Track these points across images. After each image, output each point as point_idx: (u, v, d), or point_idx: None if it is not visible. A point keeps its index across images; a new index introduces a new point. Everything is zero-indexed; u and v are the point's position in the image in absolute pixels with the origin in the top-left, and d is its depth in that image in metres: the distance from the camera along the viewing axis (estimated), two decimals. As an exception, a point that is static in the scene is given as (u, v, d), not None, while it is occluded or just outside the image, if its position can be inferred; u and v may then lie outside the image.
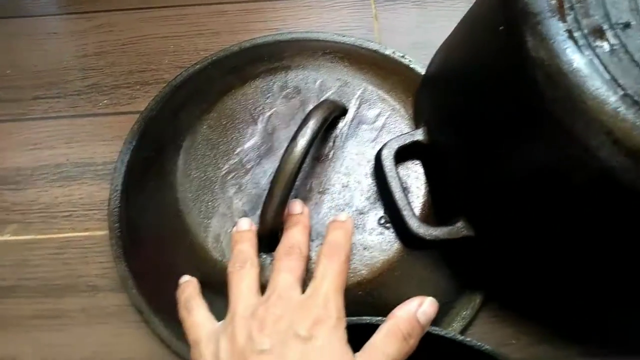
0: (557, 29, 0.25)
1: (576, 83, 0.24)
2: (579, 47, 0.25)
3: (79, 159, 0.44)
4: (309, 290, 0.30)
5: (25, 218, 0.41)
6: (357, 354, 0.28)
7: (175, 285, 0.35)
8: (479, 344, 0.29)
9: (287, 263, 0.31)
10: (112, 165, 0.42)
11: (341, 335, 0.28)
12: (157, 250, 0.37)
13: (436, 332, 0.29)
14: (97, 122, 0.46)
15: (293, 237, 0.33)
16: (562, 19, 0.26)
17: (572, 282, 0.31)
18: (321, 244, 0.34)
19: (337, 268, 0.31)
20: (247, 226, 0.34)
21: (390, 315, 0.30)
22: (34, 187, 0.43)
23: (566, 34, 0.25)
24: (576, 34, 0.25)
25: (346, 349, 0.28)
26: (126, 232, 0.39)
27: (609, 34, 0.25)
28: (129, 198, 0.40)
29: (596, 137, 0.23)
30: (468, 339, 0.29)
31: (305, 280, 0.32)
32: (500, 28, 0.28)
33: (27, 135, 0.45)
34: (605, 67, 0.24)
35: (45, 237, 0.41)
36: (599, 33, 0.25)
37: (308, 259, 0.33)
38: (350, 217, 0.35)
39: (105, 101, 0.46)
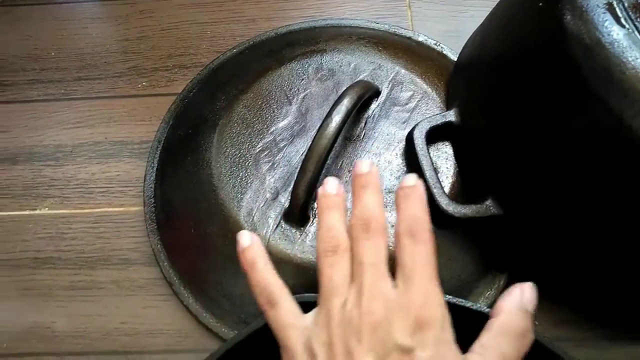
0: (596, 2, 0.25)
1: (614, 54, 0.24)
2: (618, 20, 0.25)
3: (117, 138, 0.45)
4: (399, 281, 0.26)
5: (63, 193, 0.43)
6: (467, 355, 0.25)
7: (205, 258, 0.35)
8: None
9: (368, 245, 0.27)
10: (148, 144, 0.44)
11: (449, 338, 0.25)
12: (190, 225, 0.38)
13: (462, 305, 0.29)
14: (135, 103, 0.47)
15: (367, 206, 0.27)
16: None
17: (597, 264, 0.30)
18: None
19: (425, 250, 0.26)
20: (335, 189, 0.29)
21: (497, 309, 0.26)
22: (72, 164, 0.44)
23: (605, 7, 0.25)
24: (617, 8, 0.25)
25: (457, 355, 0.24)
26: (160, 207, 0.40)
27: (621, 16, 0.25)
28: (164, 175, 0.41)
29: (632, 107, 0.23)
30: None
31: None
32: (540, 4, 0.28)
33: (68, 114, 0.46)
34: (646, 39, 0.24)
35: (81, 211, 0.42)
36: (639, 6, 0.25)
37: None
38: (418, 179, 0.28)
39: (144, 83, 0.48)
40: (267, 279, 0.28)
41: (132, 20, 0.52)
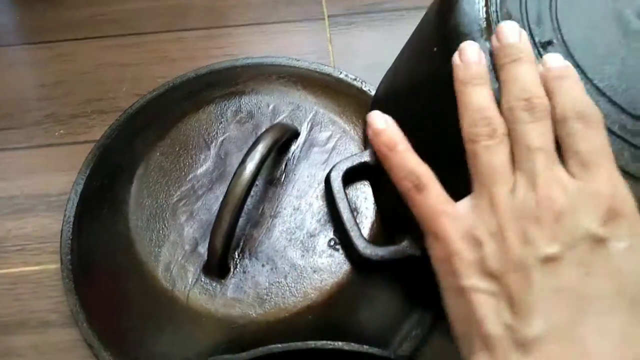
0: (484, 49, 0.26)
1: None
2: None
3: (34, 191, 0.43)
4: (578, 171, 0.22)
5: (-24, 253, 0.41)
6: None
7: (124, 317, 0.34)
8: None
9: (535, 128, 0.23)
10: (66, 196, 0.42)
11: None
12: (108, 282, 0.36)
13: (381, 354, 0.29)
14: (53, 153, 0.45)
15: (526, 83, 0.24)
16: (489, 39, 0.26)
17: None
18: (271, 269, 0.34)
19: (600, 134, 0.23)
20: (476, 56, 0.25)
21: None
22: (-14, 221, 0.42)
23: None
24: None
25: None
26: (78, 264, 0.38)
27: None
28: (81, 229, 0.40)
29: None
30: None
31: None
32: (434, 49, 0.29)
33: (-19, 168, 0.44)
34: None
35: (-4, 271, 0.40)
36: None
37: None
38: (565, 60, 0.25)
39: (61, 131, 0.46)
40: (412, 161, 0.26)
41: (50, 65, 0.50)
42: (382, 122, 0.27)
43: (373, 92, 0.45)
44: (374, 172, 0.36)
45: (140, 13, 0.53)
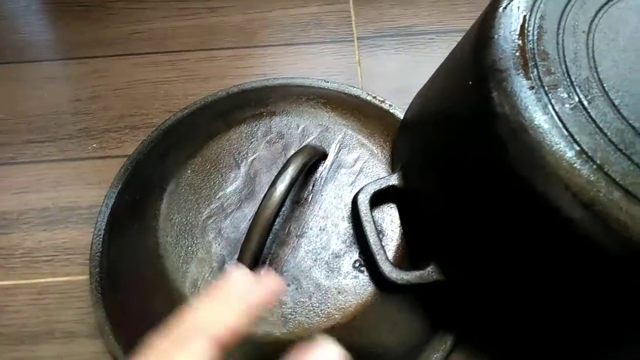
0: (521, 86, 0.26)
1: (536, 139, 0.24)
2: (540, 103, 0.25)
3: (65, 203, 0.44)
4: None
5: (8, 263, 0.42)
6: None
7: (150, 332, 0.34)
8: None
9: None
10: (97, 209, 0.43)
11: None
12: (135, 296, 0.37)
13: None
14: (85, 166, 0.46)
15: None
16: (526, 76, 0.26)
17: (542, 326, 0.31)
18: (296, 288, 0.35)
19: None
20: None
21: None
22: (18, 232, 0.43)
23: (529, 91, 0.26)
24: (538, 91, 0.26)
25: None
26: (106, 277, 0.39)
27: (569, 91, 0.26)
28: (111, 242, 0.40)
29: (554, 190, 0.23)
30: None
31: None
32: (470, 83, 0.29)
33: (15, 179, 0.46)
34: (564, 124, 0.24)
35: (26, 282, 0.41)
36: (560, 90, 0.26)
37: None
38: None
39: (94, 145, 0.47)
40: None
41: (85, 80, 0.52)
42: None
43: (401, 115, 0.45)
44: (401, 195, 0.36)
45: (174, 32, 0.54)
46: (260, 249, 0.33)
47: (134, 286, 0.37)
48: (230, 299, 0.23)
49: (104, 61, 0.53)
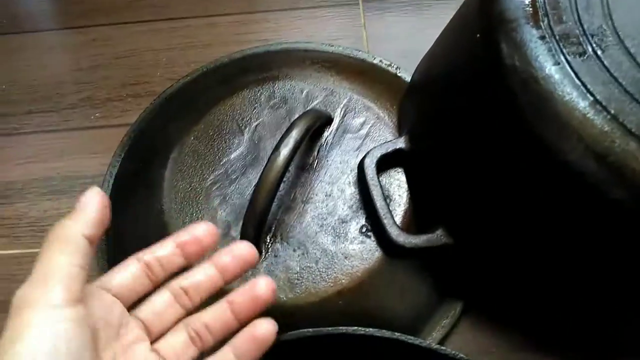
0: (530, 36, 0.25)
1: (547, 89, 0.24)
2: (551, 53, 0.24)
3: (69, 172, 0.44)
4: None
5: (14, 232, 0.42)
6: None
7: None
8: (454, 352, 0.28)
9: None
10: (101, 178, 0.43)
11: None
12: (141, 262, 0.37)
13: (411, 341, 0.28)
14: (88, 135, 0.46)
15: None
16: (536, 25, 0.25)
17: (550, 289, 0.30)
18: (302, 254, 0.34)
19: None
20: None
21: None
22: (23, 201, 0.43)
23: (539, 41, 0.25)
24: (549, 41, 0.25)
25: None
26: (112, 244, 0.39)
27: (581, 40, 0.25)
28: (116, 210, 0.40)
29: (566, 142, 0.23)
30: (443, 348, 0.28)
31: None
32: (477, 35, 0.28)
33: (19, 149, 0.45)
34: (576, 73, 0.24)
35: (33, 250, 0.41)
36: (572, 39, 0.25)
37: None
38: None
39: (97, 114, 0.47)
40: None
41: (86, 49, 0.51)
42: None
43: (408, 78, 0.44)
44: (408, 159, 0.35)
45: (175, -1, 0.53)
46: (265, 214, 0.32)
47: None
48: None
49: (104, 29, 0.52)
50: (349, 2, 0.51)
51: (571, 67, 0.24)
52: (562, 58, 0.24)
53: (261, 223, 0.32)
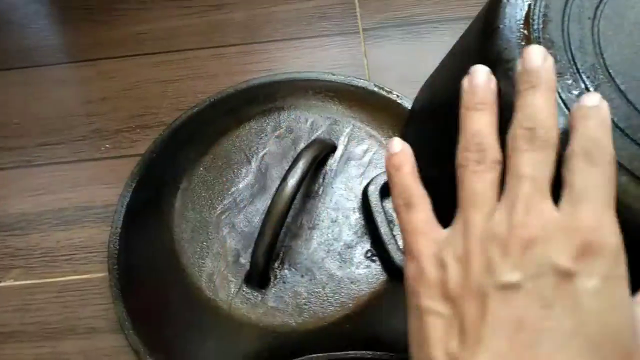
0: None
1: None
2: None
3: (81, 203, 0.45)
4: (564, 204, 0.22)
5: (28, 262, 0.43)
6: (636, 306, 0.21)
7: (169, 325, 0.36)
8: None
9: (530, 156, 0.22)
10: (112, 208, 0.44)
11: (622, 274, 0.20)
12: (153, 291, 0.38)
13: None
14: (99, 166, 0.47)
15: (535, 110, 0.23)
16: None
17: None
18: (310, 279, 0.35)
19: (603, 173, 0.21)
20: (484, 79, 0.25)
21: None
22: (37, 232, 0.44)
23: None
24: None
25: (628, 298, 0.20)
26: (124, 273, 0.40)
27: (575, 77, 0.26)
28: (128, 239, 0.41)
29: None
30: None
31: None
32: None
33: (31, 181, 0.46)
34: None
35: (46, 281, 0.42)
36: (565, 77, 0.26)
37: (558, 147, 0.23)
38: (604, 101, 0.23)
39: (107, 145, 0.48)
40: (410, 183, 0.26)
41: (94, 82, 0.52)
42: (397, 146, 0.28)
43: (408, 105, 0.45)
44: (411, 185, 0.36)
45: (179, 30, 0.55)
46: (274, 242, 0.34)
47: (152, 282, 0.38)
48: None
49: (112, 62, 0.54)
50: (350, 31, 0.52)
51: (565, 105, 0.25)
52: (557, 98, 0.25)
53: (271, 251, 0.34)
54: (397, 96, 0.47)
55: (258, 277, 0.34)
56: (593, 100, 0.23)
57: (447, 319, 0.21)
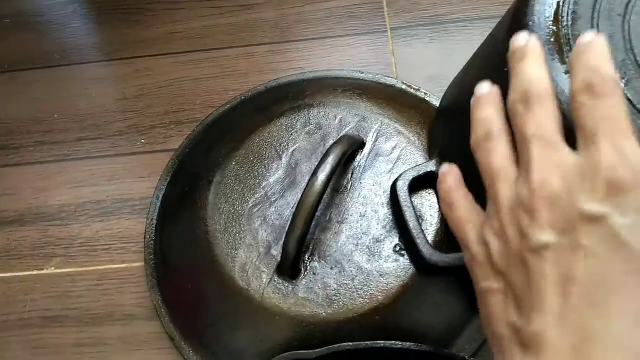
0: (556, 71, 0.27)
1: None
2: None
3: (118, 196, 0.47)
4: (581, 148, 0.21)
5: (69, 252, 0.45)
6: None
7: (203, 313, 0.37)
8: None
9: (530, 116, 0.23)
10: (148, 201, 0.46)
11: None
12: (188, 280, 0.39)
13: (447, 354, 0.30)
14: (135, 161, 0.49)
15: (524, 77, 0.24)
16: (562, 61, 0.27)
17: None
18: (339, 272, 0.36)
19: (610, 104, 0.21)
20: (487, 89, 0.27)
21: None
22: (77, 223, 0.46)
23: (565, 76, 0.26)
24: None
25: None
26: (160, 263, 0.42)
27: None
28: (163, 231, 0.43)
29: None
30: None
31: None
32: (505, 70, 0.30)
33: (71, 174, 0.49)
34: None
35: (86, 269, 0.44)
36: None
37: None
38: (599, 35, 0.23)
39: (142, 140, 0.50)
40: (450, 185, 0.29)
41: (130, 80, 0.54)
42: (444, 167, 0.30)
43: (436, 103, 0.46)
44: (439, 181, 0.37)
45: (211, 30, 0.56)
46: (304, 235, 0.35)
47: (187, 271, 0.40)
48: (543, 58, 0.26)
49: (146, 61, 0.55)
50: (378, 30, 0.53)
51: None
52: None
53: (301, 243, 0.35)
54: (425, 94, 0.47)
55: (289, 268, 0.36)
56: (586, 37, 0.23)
57: (502, 293, 0.22)
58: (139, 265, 0.43)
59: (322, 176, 0.35)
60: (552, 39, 0.27)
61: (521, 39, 0.26)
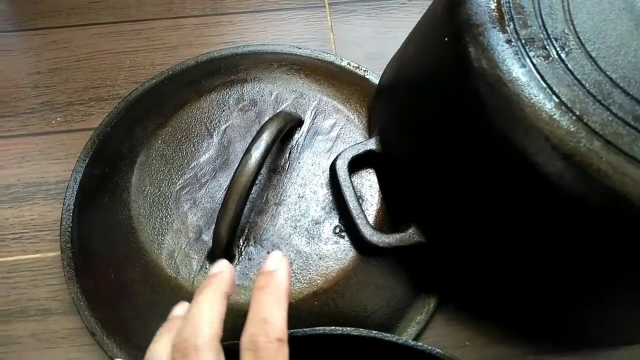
0: (497, 40, 0.26)
1: (514, 91, 0.24)
2: (517, 56, 0.25)
3: (31, 179, 0.43)
4: None
5: (-27, 241, 0.40)
6: None
7: (128, 305, 0.34)
8: (430, 347, 0.29)
9: None
10: (65, 184, 0.41)
11: None
12: (110, 270, 0.36)
13: (388, 339, 0.29)
14: (49, 140, 0.44)
15: (194, 319, 0.23)
16: (502, 29, 0.26)
17: (522, 283, 0.31)
18: (277, 256, 0.34)
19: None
20: (179, 311, 0.26)
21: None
22: (-18, 209, 0.41)
23: (506, 45, 0.26)
24: (515, 44, 0.26)
25: None
26: (78, 252, 0.38)
27: (546, 44, 0.26)
28: (81, 217, 0.39)
29: (534, 143, 0.23)
30: (419, 344, 0.29)
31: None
32: (446, 39, 0.29)
33: (-25, 155, 0.43)
34: (542, 76, 0.24)
35: (-5, 260, 0.39)
36: (537, 43, 0.26)
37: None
38: (283, 259, 0.25)
39: (58, 119, 0.46)
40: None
41: (44, 52, 0.49)
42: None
43: (376, 80, 0.45)
44: (379, 159, 0.36)
45: (136, 0, 0.52)
46: (237, 218, 0.32)
47: (108, 260, 0.36)
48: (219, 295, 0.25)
49: (63, 31, 0.51)
50: (315, 5, 0.51)
51: (537, 70, 0.24)
52: (528, 61, 0.25)
53: (234, 227, 0.32)
54: (365, 71, 0.46)
55: (222, 254, 0.33)
56: (271, 264, 0.24)
57: None
58: (55, 254, 0.39)
59: (256, 154, 0.32)
60: (493, 7, 0.26)
61: (219, 266, 0.25)
